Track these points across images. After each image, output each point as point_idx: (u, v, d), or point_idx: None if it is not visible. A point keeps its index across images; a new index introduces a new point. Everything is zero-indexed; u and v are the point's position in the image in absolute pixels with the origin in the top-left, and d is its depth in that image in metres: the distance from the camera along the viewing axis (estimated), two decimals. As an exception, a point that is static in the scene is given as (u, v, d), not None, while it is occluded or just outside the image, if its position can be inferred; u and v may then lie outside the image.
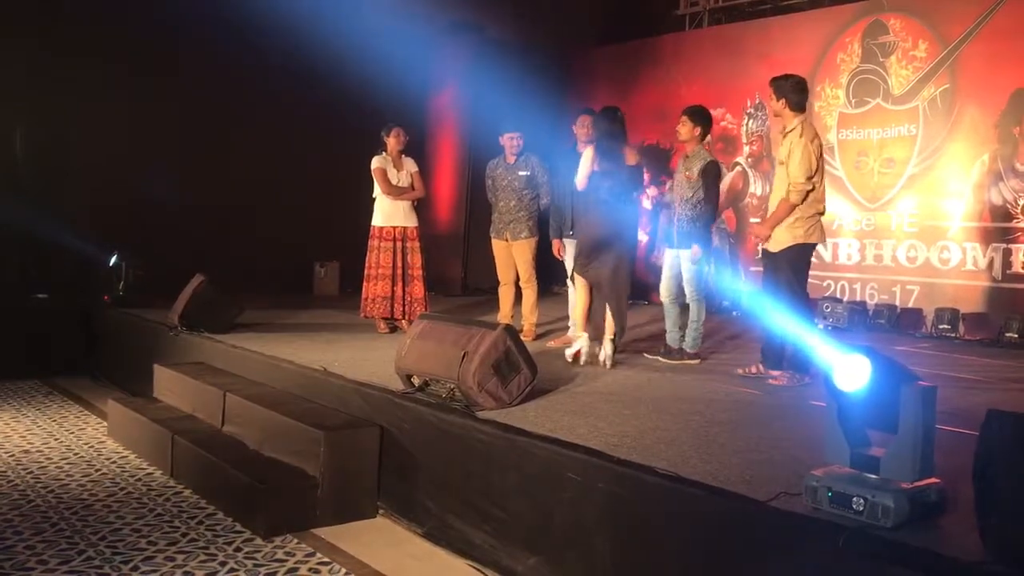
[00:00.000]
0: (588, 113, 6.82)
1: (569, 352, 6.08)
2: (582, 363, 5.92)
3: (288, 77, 9.90)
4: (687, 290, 6.17)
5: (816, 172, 5.33)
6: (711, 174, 6.07)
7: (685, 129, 6.19)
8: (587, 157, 6.08)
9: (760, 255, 5.84)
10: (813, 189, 5.33)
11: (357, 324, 7.55)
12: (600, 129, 6.17)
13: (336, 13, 10.09)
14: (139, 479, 5.29)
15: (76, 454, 5.79)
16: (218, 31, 9.61)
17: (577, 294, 6.29)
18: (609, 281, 5.95)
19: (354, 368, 5.59)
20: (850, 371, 2.86)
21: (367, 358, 6.00)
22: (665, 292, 6.27)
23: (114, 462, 5.64)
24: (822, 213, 5.46)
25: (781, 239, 5.39)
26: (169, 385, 6.45)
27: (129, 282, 8.73)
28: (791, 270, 5.38)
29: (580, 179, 6.08)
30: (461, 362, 4.54)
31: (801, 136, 5.33)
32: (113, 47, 9.33)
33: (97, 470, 5.44)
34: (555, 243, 7.16)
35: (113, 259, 8.79)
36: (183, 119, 9.67)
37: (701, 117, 6.20)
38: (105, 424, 6.50)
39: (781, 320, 5.29)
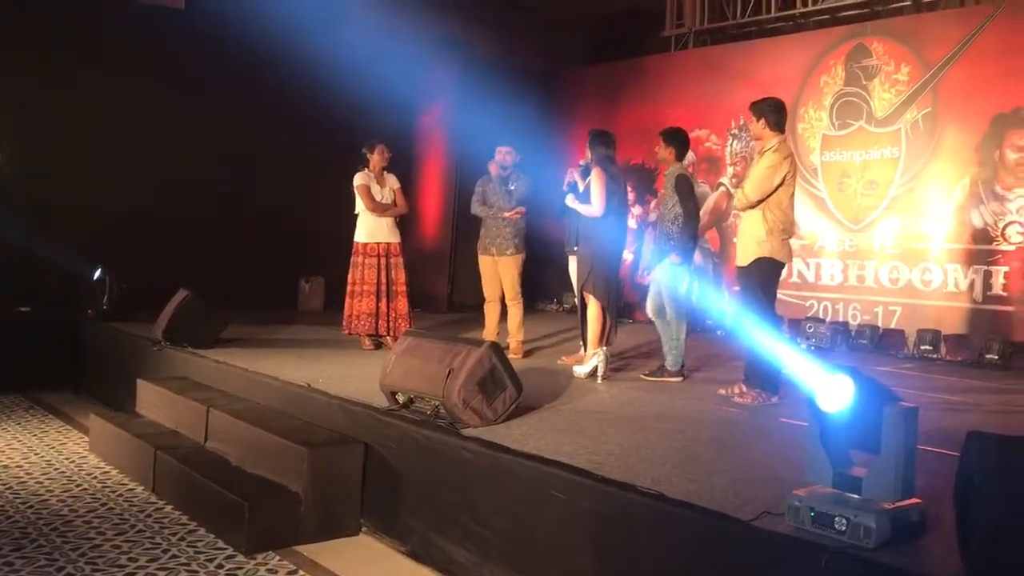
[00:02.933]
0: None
1: (583, 370, 6.16)
2: (599, 381, 6.02)
3: (275, 93, 9.90)
4: (667, 307, 6.21)
5: (774, 193, 5.40)
6: (681, 186, 6.17)
7: (660, 150, 6.35)
8: (600, 178, 6.24)
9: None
10: (763, 210, 5.42)
11: (342, 340, 7.53)
12: (600, 152, 6.46)
13: (324, 30, 10.14)
14: (120, 495, 5.25)
15: (57, 469, 5.74)
16: (205, 47, 9.62)
17: (590, 311, 6.44)
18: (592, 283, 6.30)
19: (339, 384, 5.57)
20: (833, 392, 2.87)
21: (352, 374, 5.99)
22: (650, 308, 6.31)
23: (95, 477, 5.59)
24: (791, 235, 5.58)
25: (750, 251, 5.47)
26: (152, 400, 6.41)
27: (113, 296, 8.67)
28: (759, 286, 5.46)
29: (598, 203, 6.29)
30: (446, 379, 4.53)
31: (775, 153, 5.42)
32: (100, 63, 9.33)
33: (78, 485, 5.39)
34: None
35: (97, 273, 8.74)
36: (169, 134, 9.65)
37: (674, 138, 6.33)
38: (87, 439, 6.45)
39: (753, 338, 5.33)
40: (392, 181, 7.47)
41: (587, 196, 6.44)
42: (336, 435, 4.93)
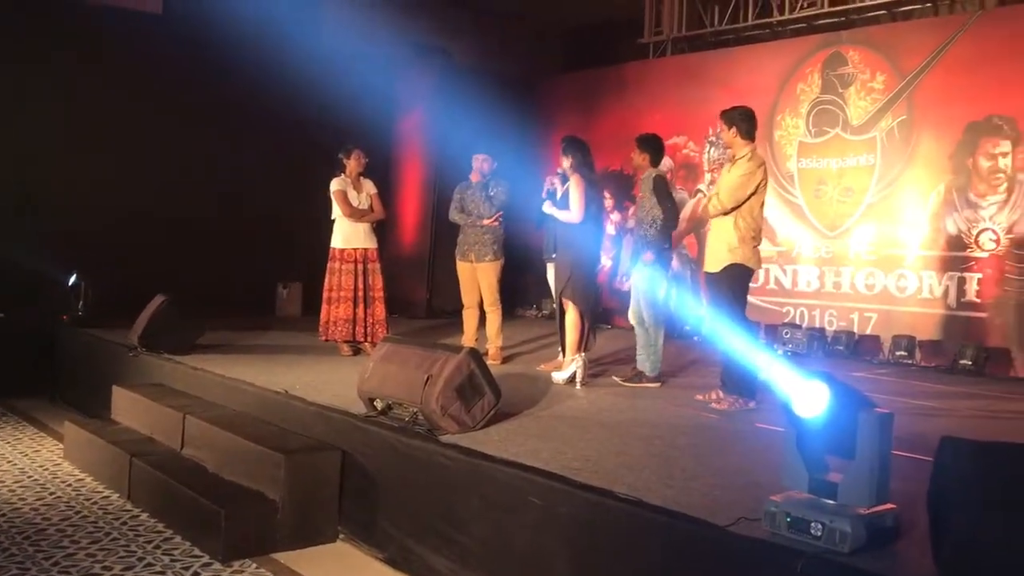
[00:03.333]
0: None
1: (562, 376, 6.18)
2: (578, 387, 6.05)
3: (253, 97, 9.86)
4: (644, 313, 6.24)
5: (747, 200, 5.47)
6: (659, 186, 6.22)
7: (635, 156, 6.41)
8: (579, 185, 6.27)
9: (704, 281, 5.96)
10: (735, 217, 5.48)
11: (320, 346, 7.50)
12: (578, 159, 6.51)
13: (301, 35, 10.11)
14: (95, 502, 5.20)
15: (30, 477, 5.68)
16: (183, 51, 9.58)
17: (568, 317, 6.48)
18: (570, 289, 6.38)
19: (316, 391, 5.55)
20: (809, 398, 2.89)
21: (329, 380, 5.96)
22: (632, 315, 6.33)
23: (69, 485, 5.54)
24: (759, 243, 5.64)
25: (722, 258, 5.52)
26: (128, 407, 6.36)
27: (89, 302, 8.59)
28: (731, 291, 5.51)
29: (577, 210, 6.32)
30: (424, 386, 4.52)
31: (748, 161, 5.49)
32: (76, 66, 9.26)
33: (51, 493, 5.34)
34: None
35: (73, 278, 8.66)
36: (147, 138, 9.59)
37: (649, 144, 6.38)
38: (61, 446, 6.38)
39: (727, 344, 5.37)
40: (369, 186, 7.46)
41: (566, 203, 6.47)
42: (313, 442, 4.91)
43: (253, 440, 4.91)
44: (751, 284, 5.80)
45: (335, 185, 7.31)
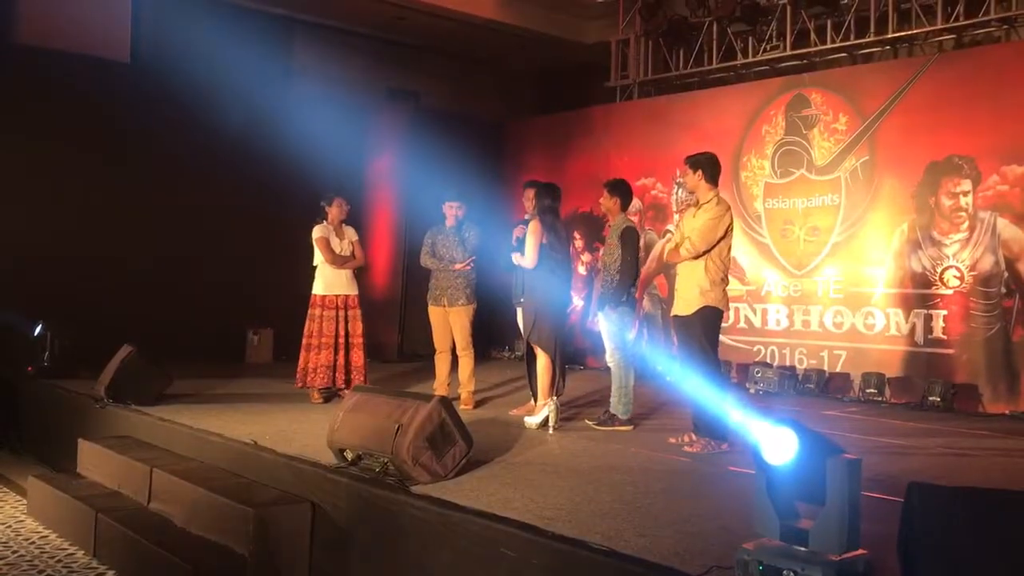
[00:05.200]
0: (532, 186, 6.96)
1: (534, 421, 6.18)
2: (551, 431, 6.03)
3: (221, 143, 9.87)
4: (612, 355, 6.26)
5: (716, 246, 5.55)
6: (626, 238, 6.27)
7: (605, 201, 6.46)
8: (535, 232, 6.32)
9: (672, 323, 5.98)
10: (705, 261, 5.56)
11: (290, 394, 7.43)
12: (544, 204, 6.56)
13: (271, 81, 10.16)
14: (59, 560, 5.09)
15: (-8, 535, 5.55)
16: (147, 98, 9.57)
17: (539, 362, 6.52)
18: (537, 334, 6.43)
19: (286, 441, 5.49)
20: (777, 445, 2.90)
21: (299, 430, 5.90)
22: (608, 356, 6.37)
23: (33, 543, 5.41)
24: (727, 283, 5.72)
25: (693, 301, 5.58)
26: (94, 460, 6.25)
27: (55, 353, 8.46)
28: (703, 334, 5.56)
29: (531, 256, 6.32)
30: (395, 435, 4.49)
31: (716, 205, 5.60)
32: (41, 114, 9.22)
33: (14, 552, 5.21)
34: None
35: (38, 329, 8.53)
36: (112, 188, 9.55)
37: (618, 189, 6.45)
38: (25, 502, 6.24)
39: (699, 387, 5.39)
40: (351, 233, 7.50)
41: (523, 247, 6.52)
42: (283, 494, 4.84)
43: (221, 493, 4.84)
44: (721, 324, 5.83)
45: (317, 232, 7.33)
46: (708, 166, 5.65)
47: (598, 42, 11.82)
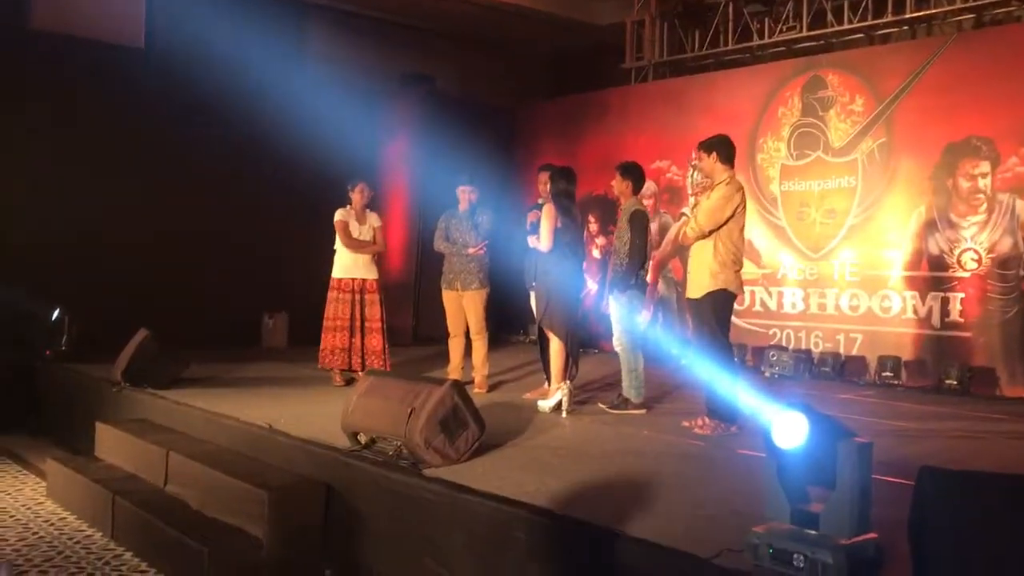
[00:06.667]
0: (547, 169, 6.94)
1: (547, 405, 6.20)
2: (564, 415, 6.04)
3: (236, 128, 9.89)
4: (621, 338, 6.26)
5: (725, 224, 5.52)
6: (635, 221, 6.25)
7: (617, 184, 6.44)
8: (550, 215, 6.29)
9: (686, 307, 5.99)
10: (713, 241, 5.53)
11: (305, 377, 7.48)
12: (558, 188, 6.53)
13: (285, 66, 10.16)
14: (77, 541, 5.15)
15: (12, 516, 5.62)
16: (162, 83, 9.59)
17: (551, 346, 6.53)
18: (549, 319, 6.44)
19: (301, 425, 5.53)
20: (788, 429, 2.90)
21: (314, 414, 5.93)
22: (615, 341, 6.37)
23: (52, 524, 5.48)
24: (741, 267, 5.67)
25: (703, 283, 5.55)
26: (111, 444, 6.31)
27: (72, 337, 8.54)
28: (714, 317, 5.54)
29: (546, 239, 6.32)
30: (408, 419, 4.52)
31: (727, 186, 5.55)
32: (57, 100, 9.25)
33: (34, 533, 5.28)
34: None
35: (55, 313, 8.61)
36: (129, 172, 9.57)
37: (630, 172, 6.42)
38: (44, 484, 6.32)
39: (710, 370, 5.39)
40: (373, 219, 7.57)
41: (537, 230, 6.52)
42: (297, 477, 4.88)
43: (236, 476, 4.88)
44: (736, 307, 5.83)
45: (338, 216, 7.44)
46: (722, 148, 5.63)
47: (612, 23, 11.74)
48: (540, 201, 6.88)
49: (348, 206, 7.51)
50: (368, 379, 5.11)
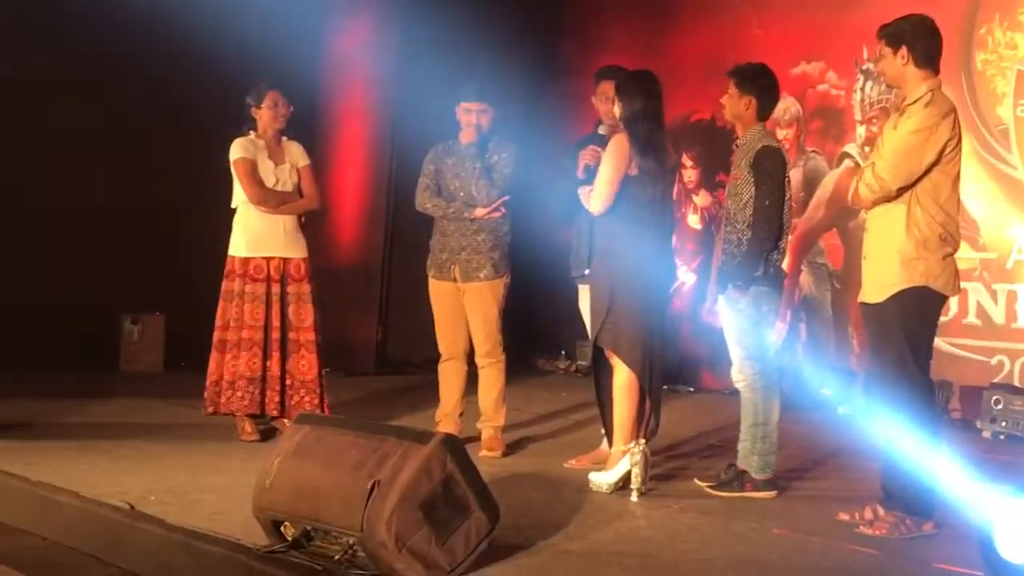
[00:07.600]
0: (611, 76, 6.97)
1: (606, 480, 6.24)
2: (634, 498, 6.07)
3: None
4: (743, 369, 6.31)
5: (927, 176, 5.47)
6: (763, 166, 6.23)
7: (731, 102, 6.44)
8: (619, 153, 6.28)
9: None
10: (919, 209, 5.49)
11: (195, 424, 7.56)
12: (633, 109, 6.48)
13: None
14: None
15: None
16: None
17: (616, 380, 6.54)
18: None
19: (185, 506, 5.57)
20: (1021, 532, 2.91)
21: (208, 487, 5.99)
22: (735, 372, 6.44)
23: None
24: (955, 248, 5.60)
25: (889, 278, 5.53)
26: None
27: None
28: (905, 334, 5.50)
29: (605, 194, 6.36)
30: (368, 500, 4.52)
31: (926, 107, 5.49)
32: None
33: None
34: None
35: None
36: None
37: (754, 82, 6.41)
38: None
39: (894, 426, 5.37)
40: (295, 154, 7.60)
41: (593, 178, 6.56)
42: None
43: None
44: (941, 317, 5.77)
45: (236, 150, 7.42)
46: (919, 38, 5.57)
47: None
48: (600, 130, 6.86)
49: (252, 133, 7.50)
50: (299, 430, 5.12)
